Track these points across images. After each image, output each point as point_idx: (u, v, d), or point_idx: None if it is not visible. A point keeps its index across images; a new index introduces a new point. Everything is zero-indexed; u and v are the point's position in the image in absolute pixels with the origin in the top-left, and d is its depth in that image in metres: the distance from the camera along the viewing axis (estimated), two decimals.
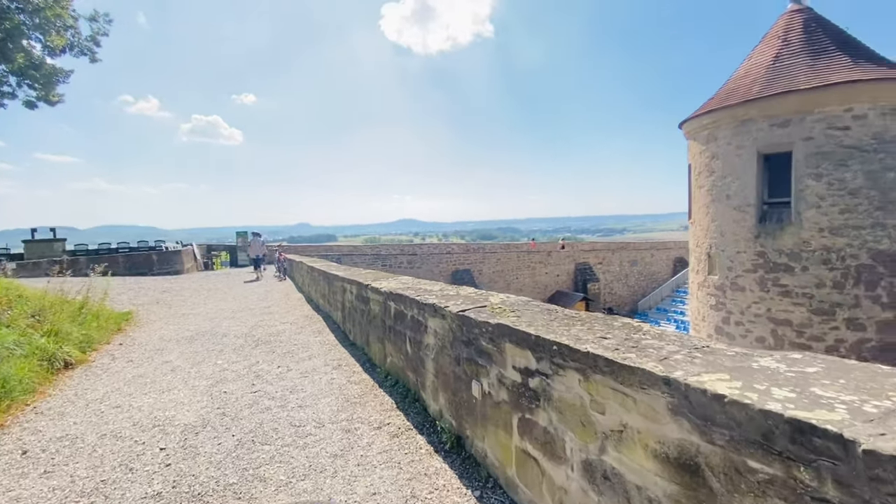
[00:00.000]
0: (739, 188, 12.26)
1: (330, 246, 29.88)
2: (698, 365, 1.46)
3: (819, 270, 11.19)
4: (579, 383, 1.71)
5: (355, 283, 5.38)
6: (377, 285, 4.45)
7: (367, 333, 4.95)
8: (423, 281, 4.42)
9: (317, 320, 7.55)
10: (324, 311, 8.23)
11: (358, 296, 5.32)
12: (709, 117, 12.87)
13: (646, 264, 40.90)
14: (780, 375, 1.33)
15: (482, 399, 2.44)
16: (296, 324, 7.34)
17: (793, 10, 13.08)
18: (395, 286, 4.20)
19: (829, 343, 11.24)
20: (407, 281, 4.59)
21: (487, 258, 30.38)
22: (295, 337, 6.33)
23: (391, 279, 4.99)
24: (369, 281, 4.93)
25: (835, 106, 10.79)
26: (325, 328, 6.82)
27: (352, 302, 5.69)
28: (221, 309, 9.24)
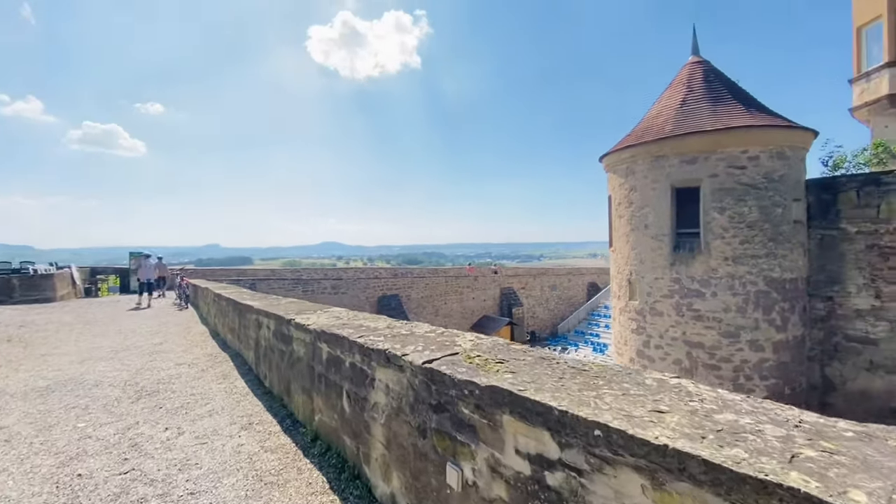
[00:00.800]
0: (656, 219, 13.05)
1: (243, 270, 27.27)
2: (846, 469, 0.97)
3: (725, 296, 12.10)
4: (643, 491, 1.15)
5: (273, 317, 4.45)
6: (303, 320, 3.62)
7: (287, 380, 4.03)
8: (363, 315, 3.69)
9: (223, 360, 6.32)
10: (232, 349, 6.97)
11: (277, 333, 4.39)
12: (627, 152, 13.69)
13: (564, 289, 42.89)
14: None
15: (463, 491, 1.77)
16: (195, 365, 6.05)
17: (694, 61, 14.58)
18: (326, 322, 3.41)
19: (735, 363, 12.10)
20: (341, 315, 3.80)
21: (416, 283, 29.72)
22: (193, 384, 5.11)
23: (320, 312, 4.16)
24: (292, 314, 4.06)
25: (734, 147, 11.97)
26: (233, 371, 5.67)
27: (268, 340, 4.71)
28: (97, 347, 7.50)
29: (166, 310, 13.57)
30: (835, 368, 12.48)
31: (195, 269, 25.78)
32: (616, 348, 15.19)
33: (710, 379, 12.28)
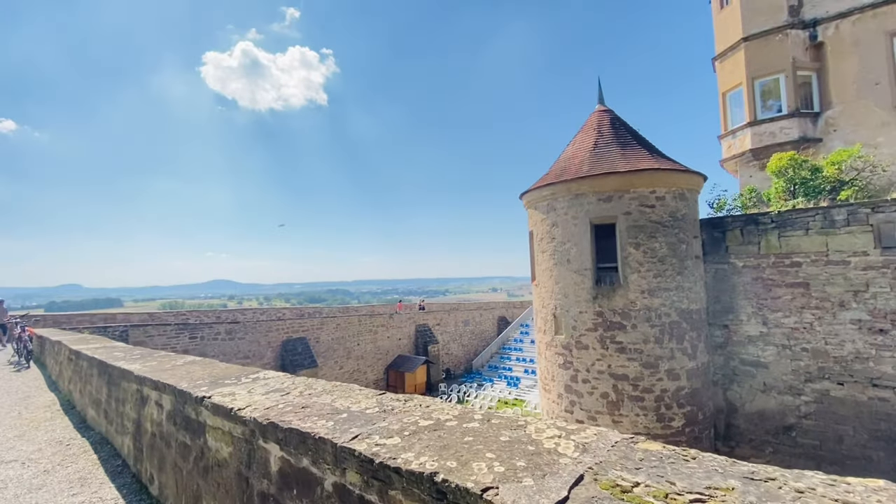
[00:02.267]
0: (578, 253, 13.40)
1: (112, 314, 22.76)
2: None
3: (644, 328, 12.62)
4: None
5: (170, 391, 3.09)
6: (226, 400, 2.42)
7: (196, 494, 2.70)
8: (323, 385, 2.60)
9: (81, 452, 4.48)
10: (97, 431, 5.08)
11: (176, 415, 3.03)
12: (548, 189, 14.08)
13: (476, 324, 43.22)
14: None
15: None
16: (35, 462, 4.17)
17: (601, 109, 15.81)
18: (269, 403, 2.29)
19: (656, 393, 12.52)
20: (288, 387, 2.66)
21: (326, 324, 27.43)
22: (30, 497, 3.39)
23: (251, 381, 2.94)
24: (203, 388, 2.79)
25: (643, 188, 12.87)
26: (98, 469, 3.95)
27: (160, 424, 3.28)
28: None
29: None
30: (734, 391, 13.56)
31: (44, 316, 20.82)
32: (542, 384, 15.03)
33: (635, 410, 12.53)
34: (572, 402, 13.47)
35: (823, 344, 12.25)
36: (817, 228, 12.37)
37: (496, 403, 28.53)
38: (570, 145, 15.50)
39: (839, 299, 12.02)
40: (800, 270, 12.57)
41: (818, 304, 12.31)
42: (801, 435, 12.52)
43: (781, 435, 12.79)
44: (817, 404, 12.33)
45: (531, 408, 26.84)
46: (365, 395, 2.36)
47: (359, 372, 29.82)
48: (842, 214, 12.09)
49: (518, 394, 30.63)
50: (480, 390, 31.64)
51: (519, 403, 28.55)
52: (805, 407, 12.51)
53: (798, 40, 16.67)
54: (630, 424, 12.55)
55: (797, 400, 12.60)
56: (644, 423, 12.48)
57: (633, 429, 12.52)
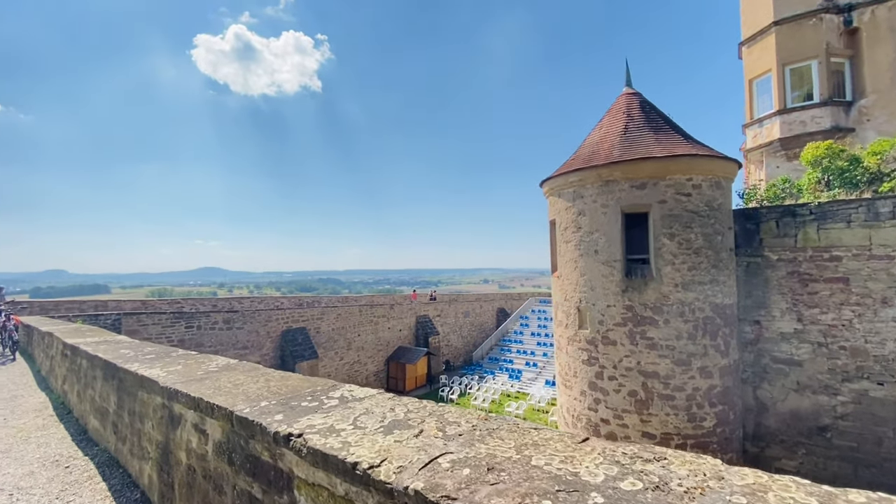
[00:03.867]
0: (606, 244, 12.64)
1: (103, 301, 21.58)
2: None
3: (677, 323, 11.95)
4: None
5: (222, 414, 2.23)
6: (333, 445, 1.57)
7: None
8: (496, 420, 1.76)
9: (84, 478, 3.56)
10: (103, 448, 4.19)
11: (232, 450, 2.18)
12: (575, 175, 13.26)
13: (476, 315, 42.61)
14: None
15: None
16: (28, 493, 3.27)
17: (629, 92, 14.95)
18: (412, 453, 1.46)
19: (688, 392, 11.89)
20: (411, 416, 1.81)
21: (326, 314, 26.49)
22: None
23: (340, 397, 2.10)
24: (279, 419, 1.93)
25: (680, 175, 12.11)
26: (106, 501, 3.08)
27: (205, 458, 2.44)
28: None
29: None
30: (765, 390, 13.00)
31: (30, 302, 19.60)
32: (562, 380, 14.35)
33: (665, 409, 11.91)
34: (596, 400, 12.82)
35: (863, 342, 11.68)
36: (860, 221, 11.73)
37: (499, 396, 27.97)
38: (596, 129, 14.66)
39: (881, 296, 11.43)
40: (840, 265, 11.95)
41: (859, 301, 11.72)
42: (837, 436, 12.00)
43: (815, 436, 12.27)
44: (855, 405, 11.80)
45: (535, 401, 26.32)
46: (572, 441, 1.53)
47: (359, 363, 29.03)
48: (887, 207, 11.45)
49: (521, 387, 30.12)
50: (482, 383, 31.07)
51: (522, 397, 28.02)
52: (841, 407, 11.98)
53: (832, 25, 15.93)
54: (659, 424, 11.94)
55: (833, 400, 12.07)
56: (674, 423, 11.87)
57: (662, 429, 11.92)
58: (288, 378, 2.83)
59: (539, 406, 25.79)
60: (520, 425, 1.75)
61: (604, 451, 1.49)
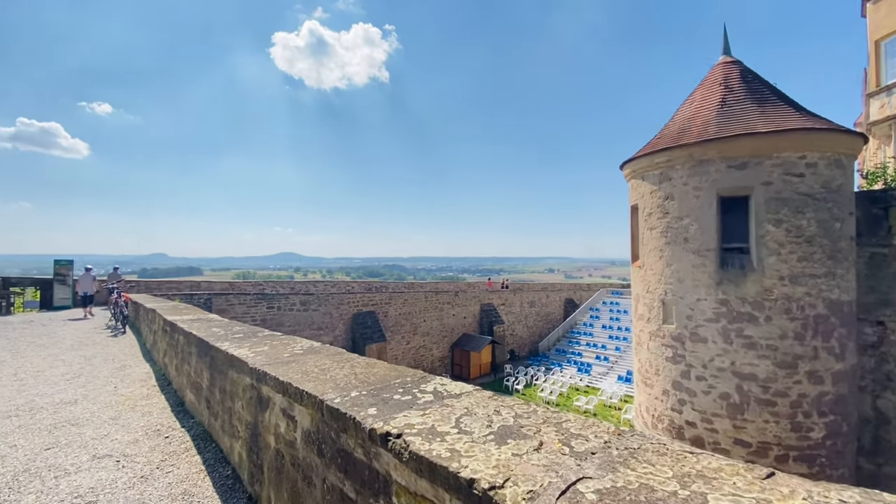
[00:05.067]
0: (698, 231, 11.45)
1: (196, 282, 23.71)
2: None
3: (781, 321, 10.58)
4: None
5: (311, 401, 2.07)
6: (439, 451, 1.31)
7: None
8: (637, 437, 1.43)
9: (181, 449, 3.70)
10: (197, 421, 4.39)
11: (322, 441, 2.03)
12: (663, 155, 12.10)
13: (542, 305, 41.53)
14: None
15: None
16: (131, 462, 3.45)
17: (726, 61, 13.33)
18: (535, 470, 1.17)
19: (792, 398, 10.55)
20: (522, 422, 1.52)
21: (393, 299, 27.11)
22: None
23: (434, 391, 1.87)
24: (372, 413, 1.70)
25: (790, 152, 10.59)
26: (205, 481, 3.07)
27: (293, 445, 2.33)
28: None
29: (94, 336, 10.42)
30: (887, 400, 11.22)
31: (137, 282, 22.02)
32: (641, 377, 13.39)
33: (763, 416, 10.67)
34: (681, 401, 11.80)
35: None
36: None
37: (567, 390, 27.08)
38: (686, 104, 13.28)
39: None
40: None
41: None
42: None
43: None
44: None
45: (606, 397, 25.14)
46: (753, 476, 1.15)
47: (424, 349, 29.49)
48: None
49: (590, 381, 28.93)
50: (549, 374, 30.27)
51: (592, 391, 26.90)
52: None
53: None
54: (756, 432, 10.73)
55: None
56: (774, 432, 10.60)
57: (759, 437, 10.71)
58: (374, 365, 2.65)
59: (611, 402, 24.61)
60: (668, 446, 1.38)
61: (811, 497, 1.08)
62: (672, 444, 1.38)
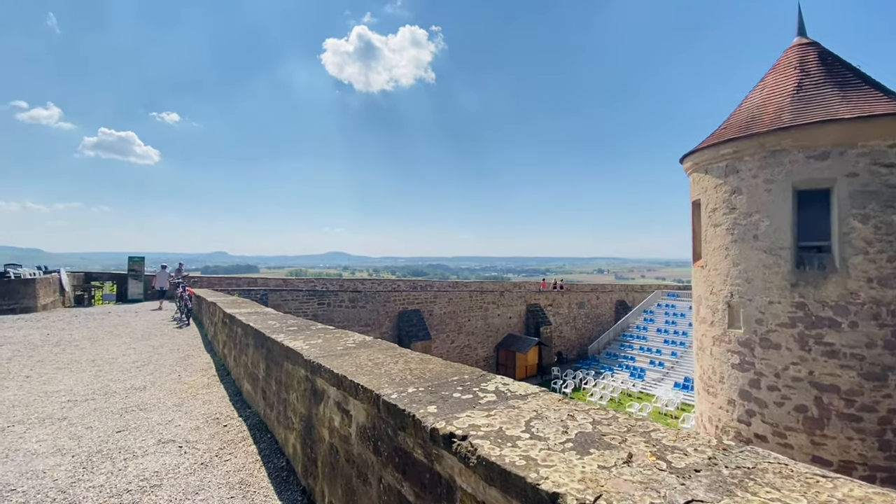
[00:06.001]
0: (770, 228, 10.52)
1: (253, 279, 24.92)
2: None
3: (869, 327, 9.49)
4: None
5: (366, 396, 1.98)
6: (512, 458, 1.16)
7: None
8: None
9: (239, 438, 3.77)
10: (254, 411, 4.49)
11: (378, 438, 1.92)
12: (729, 146, 11.24)
13: (591, 307, 40.15)
14: None
15: None
16: (192, 448, 3.56)
17: (802, 43, 12.19)
18: (632, 489, 0.98)
19: (881, 413, 9.44)
20: (611, 432, 1.35)
21: (438, 297, 27.17)
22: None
23: (496, 391, 1.73)
24: (432, 411, 1.55)
25: (878, 140, 9.49)
26: (261, 471, 3.08)
27: (348, 440, 2.23)
28: (49, 393, 5.07)
29: (162, 327, 11.14)
30: None
31: (200, 277, 23.46)
32: (704, 385, 12.53)
33: (846, 432, 9.63)
34: (750, 413, 10.90)
35: None
36: None
37: (619, 395, 25.97)
38: (756, 90, 12.26)
39: None
40: None
41: None
42: None
43: None
44: None
45: (661, 404, 23.84)
46: None
47: (469, 348, 29.33)
48: None
49: (644, 387, 27.59)
50: (599, 378, 29.18)
51: (646, 398, 25.63)
52: None
53: None
54: (838, 449, 9.70)
55: None
56: (859, 451, 9.55)
57: (841, 455, 9.67)
58: (428, 361, 2.53)
59: (667, 410, 23.33)
60: (791, 467, 1.14)
61: None
62: (797, 465, 1.14)
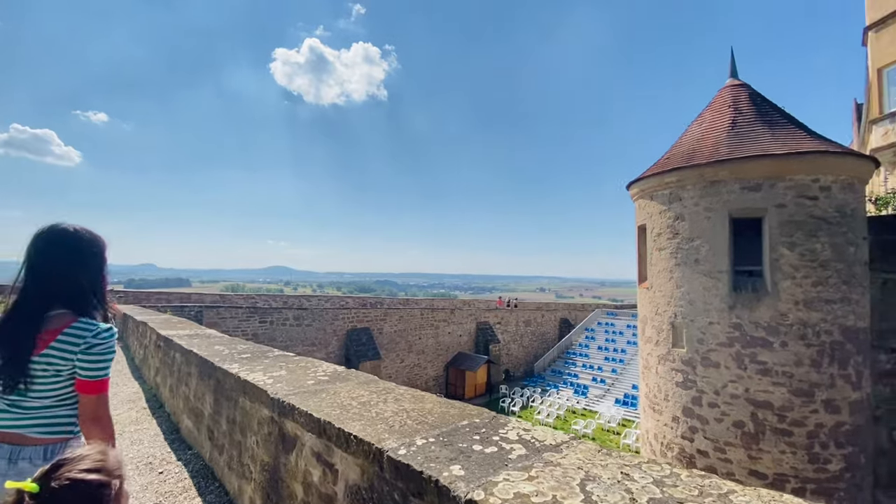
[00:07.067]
0: (710, 253, 11.22)
1: (186, 294, 22.97)
2: None
3: (797, 346, 10.28)
4: None
5: (365, 451, 1.60)
6: None
7: None
8: None
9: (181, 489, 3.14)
10: (196, 453, 3.86)
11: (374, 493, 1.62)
12: (673, 175, 11.95)
13: (537, 325, 41.10)
14: None
15: None
16: None
17: (734, 84, 13.37)
18: None
19: (809, 428, 10.18)
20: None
21: (389, 315, 26.52)
22: None
23: (530, 445, 1.47)
24: (459, 474, 1.33)
25: (804, 175, 10.47)
26: None
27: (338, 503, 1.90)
28: None
29: None
30: None
31: (125, 292, 21.25)
32: (649, 402, 12.96)
33: (780, 446, 10.27)
34: (693, 429, 11.37)
35: None
36: None
37: (565, 412, 26.47)
38: (695, 125, 13.22)
39: None
40: None
41: None
42: None
43: None
44: None
45: (604, 421, 24.57)
46: None
47: (419, 367, 28.78)
48: None
49: (587, 404, 28.36)
50: (545, 396, 29.64)
51: (590, 415, 26.32)
52: None
53: None
54: (772, 463, 10.31)
55: None
56: (791, 464, 10.19)
57: (775, 468, 10.28)
58: (421, 399, 2.23)
59: (609, 426, 24.04)
60: None
61: None
62: None
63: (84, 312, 1.73)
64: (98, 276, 1.83)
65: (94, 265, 1.81)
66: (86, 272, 1.78)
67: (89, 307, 1.77)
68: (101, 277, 1.85)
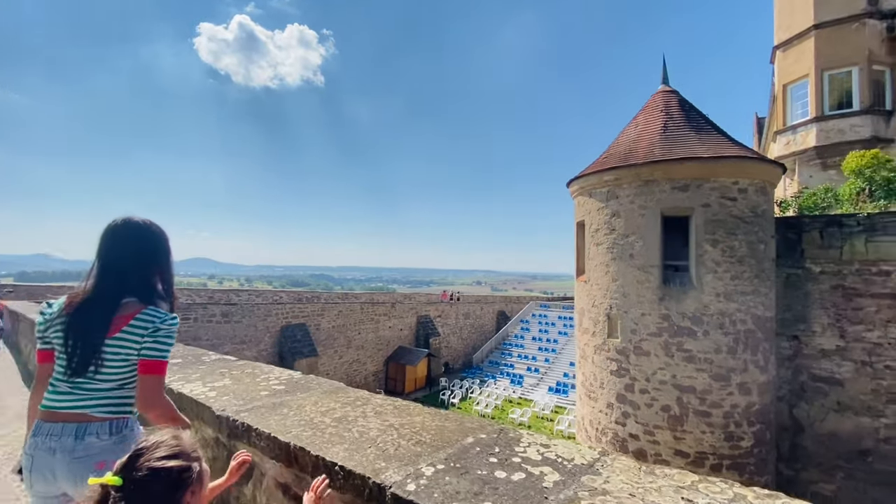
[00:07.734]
0: (643, 248, 11.87)
1: None
2: None
3: (717, 335, 11.21)
4: None
5: (355, 484, 1.35)
6: None
7: None
8: None
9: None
10: None
11: None
12: (611, 174, 12.47)
13: (476, 317, 41.79)
14: None
15: None
16: None
17: (666, 90, 14.22)
18: None
19: (726, 409, 11.16)
20: None
21: (327, 310, 25.47)
22: None
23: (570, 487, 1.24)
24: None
25: (726, 178, 11.37)
26: None
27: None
28: None
29: None
30: (802, 409, 12.31)
31: (16, 286, 18.38)
32: (586, 390, 13.55)
33: (700, 427, 11.16)
34: (625, 414, 12.03)
35: None
36: None
37: (502, 402, 27.15)
38: (631, 127, 13.90)
39: None
40: (889, 280, 11.29)
41: None
42: (879, 460, 11.33)
43: (855, 459, 11.58)
44: None
45: (539, 409, 25.53)
46: None
47: (358, 363, 28.05)
48: None
49: (523, 392, 29.32)
50: (484, 387, 30.22)
51: (526, 403, 27.22)
52: (885, 430, 11.32)
53: (875, 31, 15.33)
54: (694, 442, 11.18)
55: (876, 422, 11.41)
56: (710, 442, 11.12)
57: (696, 447, 11.17)
58: (407, 410, 1.94)
59: (543, 413, 25.01)
60: None
61: None
62: None
63: (152, 302, 1.85)
64: (166, 267, 1.98)
65: (163, 257, 1.97)
66: (156, 264, 1.93)
67: (157, 297, 1.89)
68: (168, 269, 1.99)
